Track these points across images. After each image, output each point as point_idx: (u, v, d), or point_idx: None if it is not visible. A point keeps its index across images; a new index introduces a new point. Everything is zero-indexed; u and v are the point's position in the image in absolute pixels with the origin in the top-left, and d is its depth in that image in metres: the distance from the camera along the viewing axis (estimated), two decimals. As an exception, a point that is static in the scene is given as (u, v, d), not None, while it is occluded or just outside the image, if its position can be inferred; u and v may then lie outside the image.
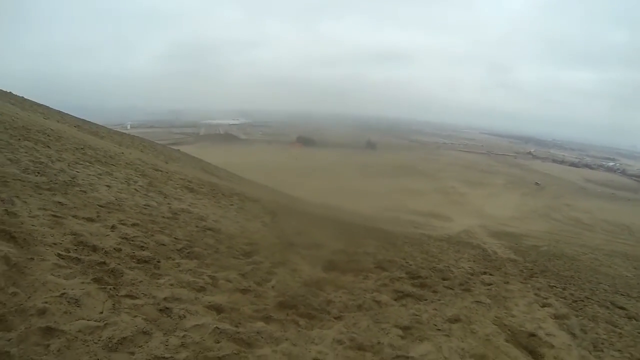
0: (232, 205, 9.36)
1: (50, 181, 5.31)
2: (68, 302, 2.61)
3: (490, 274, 7.58)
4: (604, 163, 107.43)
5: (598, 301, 6.62)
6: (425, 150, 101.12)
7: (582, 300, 6.46)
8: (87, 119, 18.94)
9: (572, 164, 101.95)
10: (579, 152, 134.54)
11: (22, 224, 3.51)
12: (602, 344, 4.65)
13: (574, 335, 4.75)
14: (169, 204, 6.99)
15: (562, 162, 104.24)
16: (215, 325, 3.01)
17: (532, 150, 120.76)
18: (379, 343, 3.62)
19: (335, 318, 4.04)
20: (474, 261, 9.17)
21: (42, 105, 16.69)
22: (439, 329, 4.24)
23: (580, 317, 5.48)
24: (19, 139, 7.10)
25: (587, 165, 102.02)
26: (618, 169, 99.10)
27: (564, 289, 7.14)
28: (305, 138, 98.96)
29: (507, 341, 4.24)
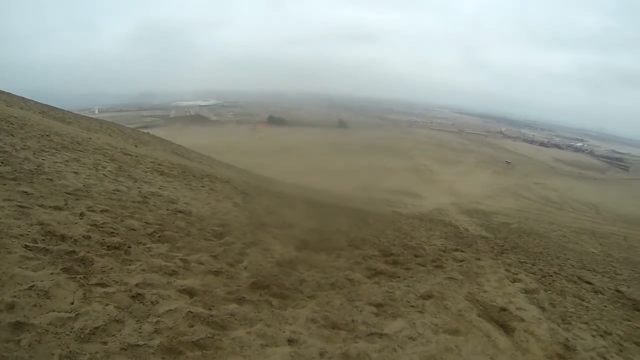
0: (203, 187, 9.27)
1: (15, 170, 5.14)
2: (37, 294, 2.58)
3: (462, 251, 7.74)
4: (572, 143, 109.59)
5: (566, 276, 6.87)
6: (397, 128, 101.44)
7: (551, 276, 6.70)
8: (53, 105, 18.29)
9: (542, 144, 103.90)
10: (549, 132, 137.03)
11: (-14, 216, 3.42)
12: (570, 317, 4.87)
13: (543, 309, 4.94)
14: (139, 188, 6.87)
15: (532, 141, 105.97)
16: (188, 309, 3.02)
17: (503, 130, 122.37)
18: (352, 321, 3.67)
19: (308, 297, 4.08)
20: (445, 238, 9.34)
21: (4, 92, 16.01)
22: (412, 306, 4.34)
23: (549, 292, 5.70)
24: (-20, 129, 6.86)
25: (556, 145, 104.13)
26: (586, 150, 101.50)
27: (533, 264, 7.38)
28: (275, 118, 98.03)
29: (479, 316, 4.37)
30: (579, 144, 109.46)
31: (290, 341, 3.07)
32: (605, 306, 5.57)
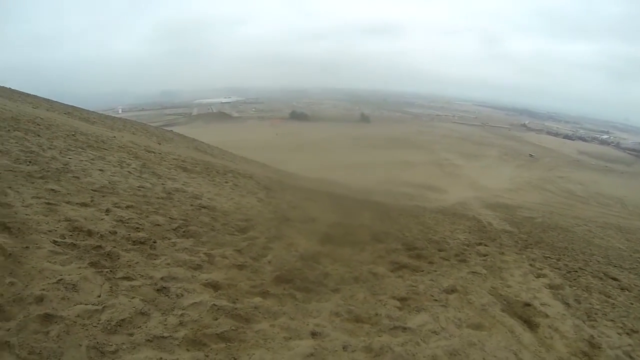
0: (226, 182, 9.34)
1: (43, 169, 5.27)
2: (65, 287, 2.63)
3: (486, 245, 7.63)
4: (597, 136, 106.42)
5: (591, 272, 6.67)
6: (419, 122, 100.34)
7: (576, 271, 6.51)
8: (78, 106, 18.68)
9: (566, 137, 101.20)
10: (573, 124, 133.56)
11: (16, 213, 3.51)
12: (596, 314, 4.73)
13: (568, 305, 4.82)
14: (163, 184, 6.97)
15: (556, 134, 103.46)
16: (212, 303, 3.05)
17: (526, 122, 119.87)
18: (376, 314, 3.66)
19: (332, 291, 4.08)
20: (469, 232, 9.21)
21: (30, 95, 16.43)
22: (436, 300, 4.29)
23: (574, 288, 5.55)
24: (9, 130, 7.01)
25: (581, 138, 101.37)
26: (612, 142, 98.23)
27: (558, 259, 7.19)
28: (298, 113, 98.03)
29: (503, 311, 4.30)
30: (605, 136, 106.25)
31: (313, 334, 3.07)
32: (632, 303, 5.38)
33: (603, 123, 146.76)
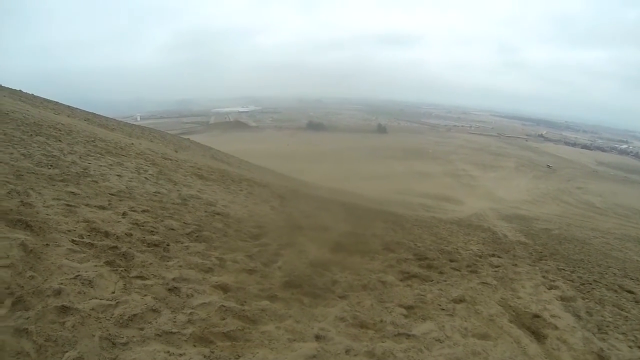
0: (241, 190, 9.48)
1: (63, 173, 5.49)
2: (82, 283, 2.77)
3: (499, 257, 7.58)
4: (616, 146, 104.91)
5: (606, 284, 6.57)
6: (435, 133, 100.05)
7: (590, 284, 6.42)
8: (97, 113, 19.11)
9: (585, 147, 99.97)
10: (592, 134, 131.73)
11: (38, 213, 3.68)
12: (607, 326, 4.65)
13: (579, 317, 4.76)
14: (178, 190, 7.14)
15: (574, 144, 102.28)
16: (221, 304, 3.15)
17: (543, 133, 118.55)
18: (381, 321, 3.70)
19: (339, 297, 4.13)
20: (483, 244, 9.17)
21: (52, 101, 16.86)
22: (443, 309, 4.30)
23: (587, 300, 5.47)
24: (32, 135, 7.28)
25: (599, 148, 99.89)
26: (631, 152, 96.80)
27: (572, 272, 7.11)
28: (315, 123, 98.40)
29: (510, 322, 4.27)
30: (624, 146, 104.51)
31: (317, 337, 3.13)
32: (646, 317, 5.32)
33: (622, 132, 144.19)
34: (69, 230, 3.55)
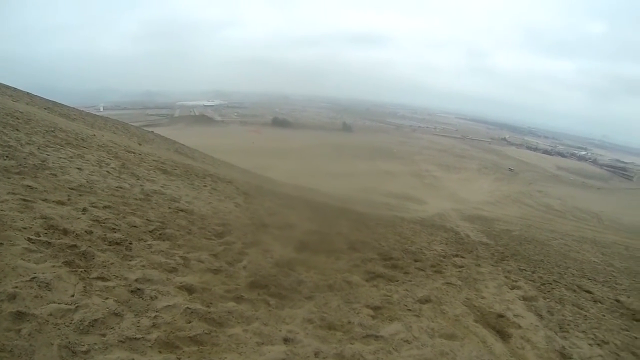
0: (205, 186, 9.31)
1: (20, 165, 5.23)
2: (39, 286, 2.62)
3: (462, 257, 7.75)
4: (576, 152, 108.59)
5: (566, 284, 6.82)
6: (400, 133, 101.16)
7: (551, 284, 6.66)
8: (59, 101, 18.35)
9: (545, 152, 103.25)
10: (553, 140, 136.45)
11: (-10, 209, 3.48)
12: (568, 325, 4.85)
13: (541, 316, 4.94)
14: (141, 185, 6.93)
15: (535, 149, 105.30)
16: (186, 306, 3.07)
17: (506, 137, 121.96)
18: (349, 322, 3.70)
19: (306, 298, 4.12)
20: (446, 244, 9.33)
21: (10, 87, 16.11)
22: (410, 309, 4.36)
23: (548, 300, 5.68)
24: (-15, 123, 6.94)
25: (559, 154, 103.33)
26: (589, 158, 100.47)
27: (533, 272, 7.35)
28: (280, 120, 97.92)
29: (476, 321, 4.38)
30: (583, 153, 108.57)
31: (286, 340, 3.10)
32: (604, 315, 5.53)
33: (582, 139, 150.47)
34: (24, 228, 3.36)
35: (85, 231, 3.81)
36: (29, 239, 3.19)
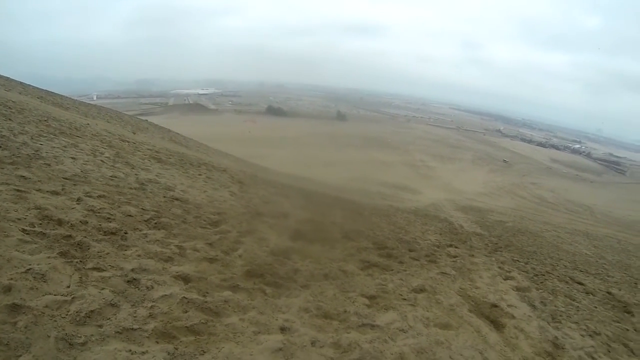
0: (200, 175, 9.28)
1: (13, 155, 5.19)
2: (34, 277, 2.60)
3: (456, 247, 7.82)
4: (570, 145, 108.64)
5: (558, 276, 6.90)
6: (395, 123, 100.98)
7: (543, 275, 6.73)
8: (52, 90, 18.21)
9: (540, 144, 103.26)
10: (547, 132, 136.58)
11: (-17, 200, 3.44)
12: (560, 315, 4.92)
13: (534, 307, 5.01)
14: (136, 174, 6.90)
15: (530, 141, 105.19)
16: (183, 295, 3.05)
17: (501, 128, 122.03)
18: (345, 311, 3.71)
19: (302, 287, 4.12)
20: (440, 234, 9.39)
21: (2, 76, 15.95)
22: (405, 299, 4.39)
23: (541, 290, 5.75)
24: (-22, 113, 6.86)
25: (553, 146, 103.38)
26: (583, 152, 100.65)
27: (526, 263, 7.42)
28: (274, 108, 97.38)
29: (470, 311, 4.43)
30: (577, 146, 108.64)
31: (282, 329, 3.11)
32: (596, 307, 5.61)
33: (576, 133, 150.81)
34: (18, 219, 3.33)
35: (80, 221, 3.78)
36: (24, 230, 3.16)
